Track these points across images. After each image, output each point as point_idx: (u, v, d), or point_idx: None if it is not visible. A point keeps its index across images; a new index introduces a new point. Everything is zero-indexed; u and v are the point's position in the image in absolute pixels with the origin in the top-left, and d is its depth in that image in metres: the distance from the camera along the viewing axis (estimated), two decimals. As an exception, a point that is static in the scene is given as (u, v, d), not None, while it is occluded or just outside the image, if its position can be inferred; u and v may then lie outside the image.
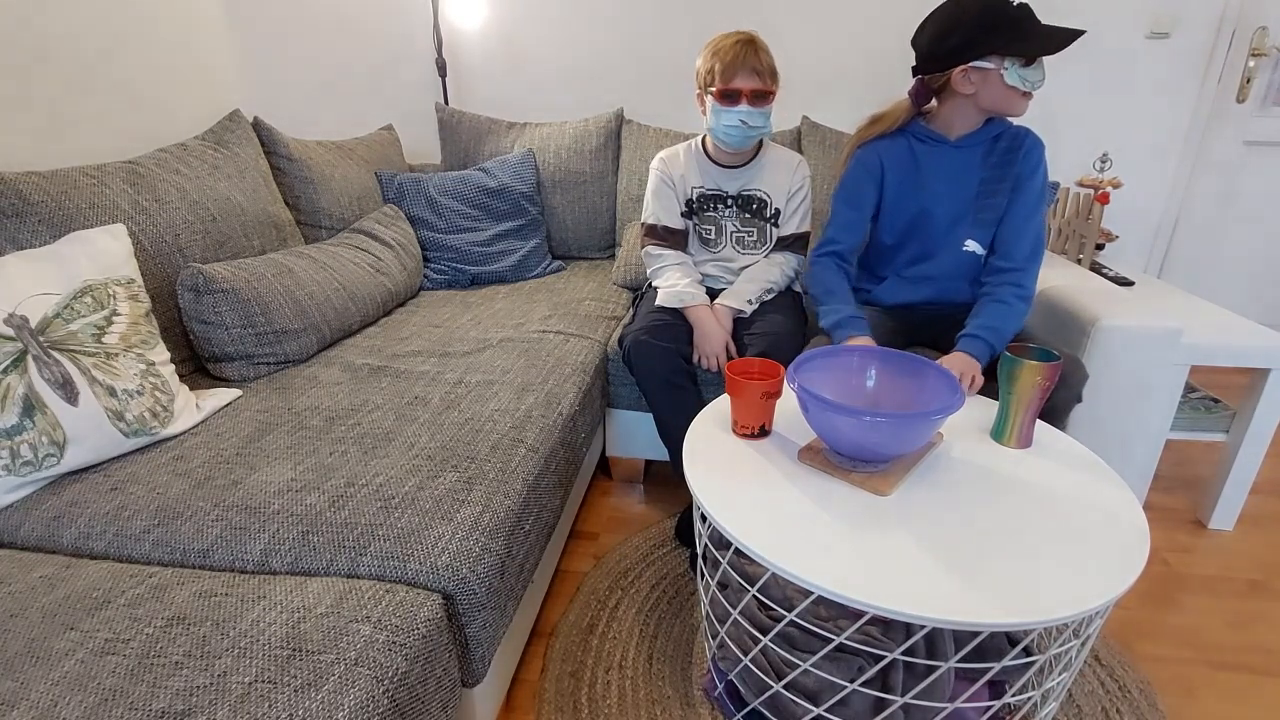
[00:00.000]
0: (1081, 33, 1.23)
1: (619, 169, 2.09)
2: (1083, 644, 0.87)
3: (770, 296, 1.58)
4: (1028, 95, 1.29)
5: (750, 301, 1.54)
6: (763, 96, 1.42)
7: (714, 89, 1.42)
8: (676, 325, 1.51)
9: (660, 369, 1.43)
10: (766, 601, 1.00)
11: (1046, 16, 2.02)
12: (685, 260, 1.61)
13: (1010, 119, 1.38)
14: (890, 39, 2.12)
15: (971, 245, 1.42)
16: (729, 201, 1.59)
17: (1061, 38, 1.23)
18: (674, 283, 1.55)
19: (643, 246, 1.65)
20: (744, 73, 1.39)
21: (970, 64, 1.27)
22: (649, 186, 1.62)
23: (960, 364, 1.25)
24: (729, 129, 1.44)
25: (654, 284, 1.62)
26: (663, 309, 1.54)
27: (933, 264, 1.44)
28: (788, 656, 0.96)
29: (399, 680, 0.74)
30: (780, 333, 1.46)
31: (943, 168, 1.38)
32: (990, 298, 1.34)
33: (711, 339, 1.48)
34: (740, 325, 1.54)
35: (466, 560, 0.89)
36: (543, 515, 1.13)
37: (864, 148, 1.44)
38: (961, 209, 1.40)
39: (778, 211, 1.60)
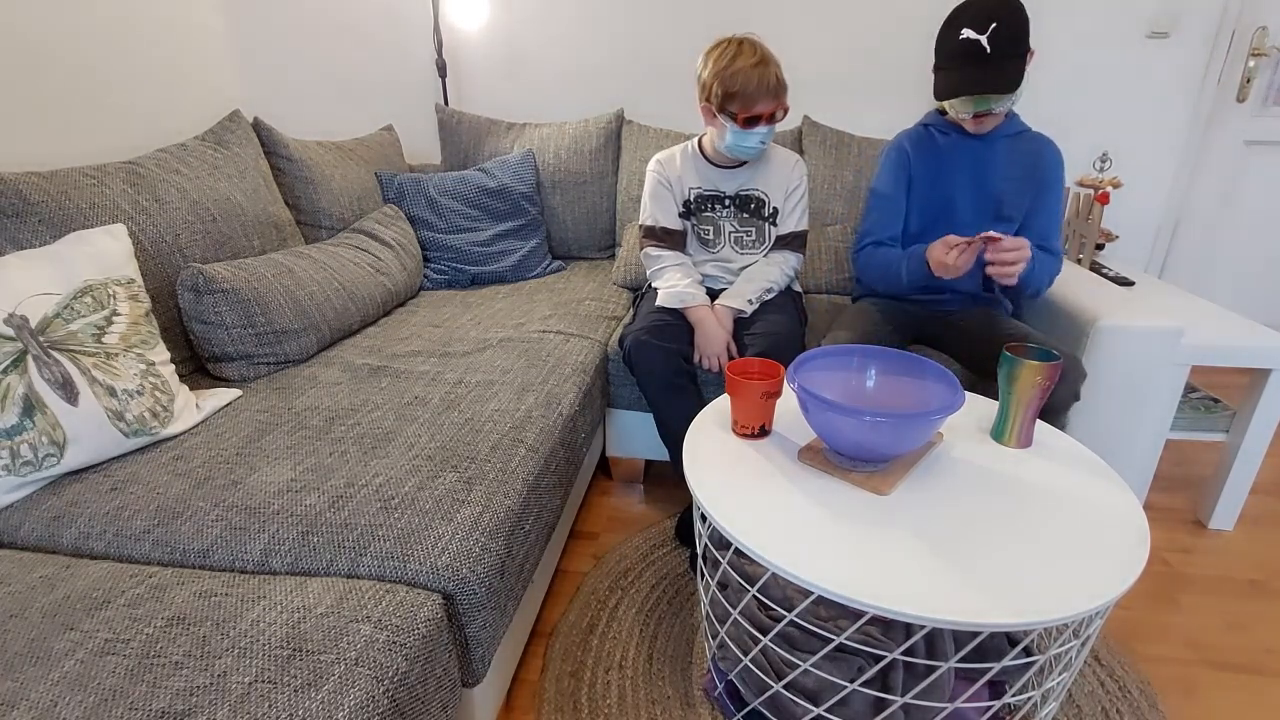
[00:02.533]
0: (987, 95, 1.28)
1: (619, 169, 2.09)
2: (1083, 644, 0.87)
3: (770, 296, 1.58)
4: (974, 120, 1.36)
5: (750, 301, 1.54)
6: (779, 114, 1.45)
7: (734, 112, 1.42)
8: (677, 325, 1.51)
9: (661, 369, 1.43)
10: (766, 601, 1.00)
11: (1048, 17, 2.04)
12: (685, 261, 1.61)
13: (1026, 122, 1.44)
14: (891, 39, 2.12)
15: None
16: (726, 202, 1.59)
17: (960, 87, 1.28)
18: (674, 283, 1.55)
19: (641, 248, 1.65)
20: (765, 98, 1.40)
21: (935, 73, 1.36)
22: (646, 188, 1.62)
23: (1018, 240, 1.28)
24: (748, 148, 1.47)
25: (654, 285, 1.62)
26: (663, 309, 1.54)
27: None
28: (788, 656, 0.96)
29: (399, 680, 0.74)
30: (780, 333, 1.46)
31: (965, 158, 1.43)
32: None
33: (712, 339, 1.48)
34: (740, 325, 1.54)
35: (466, 560, 0.89)
36: (543, 515, 1.13)
37: (897, 136, 1.50)
38: (985, 200, 1.43)
39: (776, 210, 1.60)
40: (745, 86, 1.38)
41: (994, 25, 1.22)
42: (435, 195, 1.97)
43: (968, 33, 1.24)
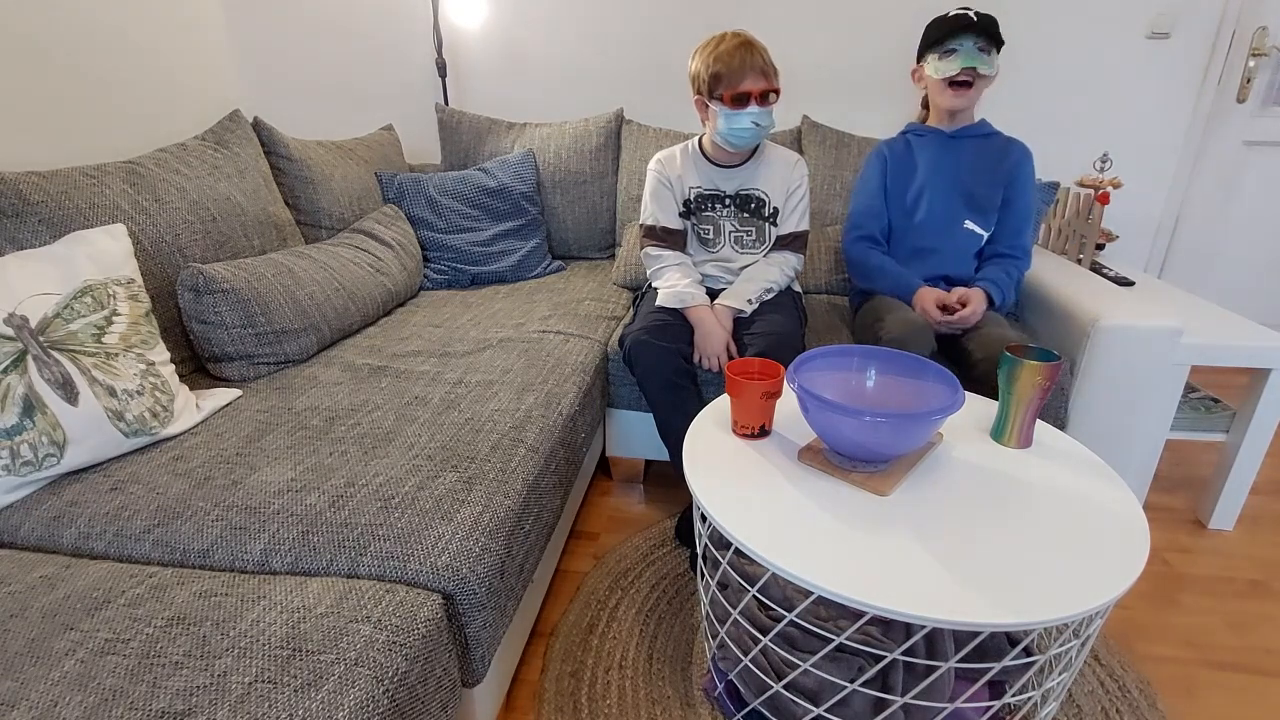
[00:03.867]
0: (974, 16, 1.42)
1: (619, 169, 2.09)
2: (1083, 644, 0.87)
3: (770, 296, 1.58)
4: (953, 87, 1.47)
5: (750, 301, 1.54)
6: (770, 95, 1.43)
7: (721, 94, 1.42)
8: (677, 325, 1.51)
9: (661, 369, 1.43)
10: (766, 601, 1.00)
11: (1048, 16, 2.04)
12: (685, 260, 1.61)
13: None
14: (890, 39, 2.12)
15: (971, 225, 1.56)
16: (727, 201, 1.59)
17: (950, 33, 1.43)
18: (674, 283, 1.55)
19: (641, 248, 1.65)
20: (751, 75, 1.40)
21: (915, 65, 1.54)
22: (647, 187, 1.62)
23: (974, 293, 1.46)
24: (741, 131, 1.45)
25: (654, 284, 1.62)
26: (663, 309, 1.54)
27: (939, 239, 1.57)
28: (788, 656, 0.96)
29: (399, 680, 0.74)
30: (780, 333, 1.46)
31: (935, 153, 1.57)
32: (995, 266, 1.55)
33: (712, 339, 1.48)
34: (740, 325, 1.54)
35: (466, 560, 0.89)
36: (543, 515, 1.13)
37: (874, 148, 1.66)
38: (955, 193, 1.56)
39: (776, 210, 1.59)
40: (729, 63, 1.40)
41: (975, 11, 1.43)
42: (435, 195, 1.97)
43: (956, 11, 1.45)
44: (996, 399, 1.12)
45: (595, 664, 1.21)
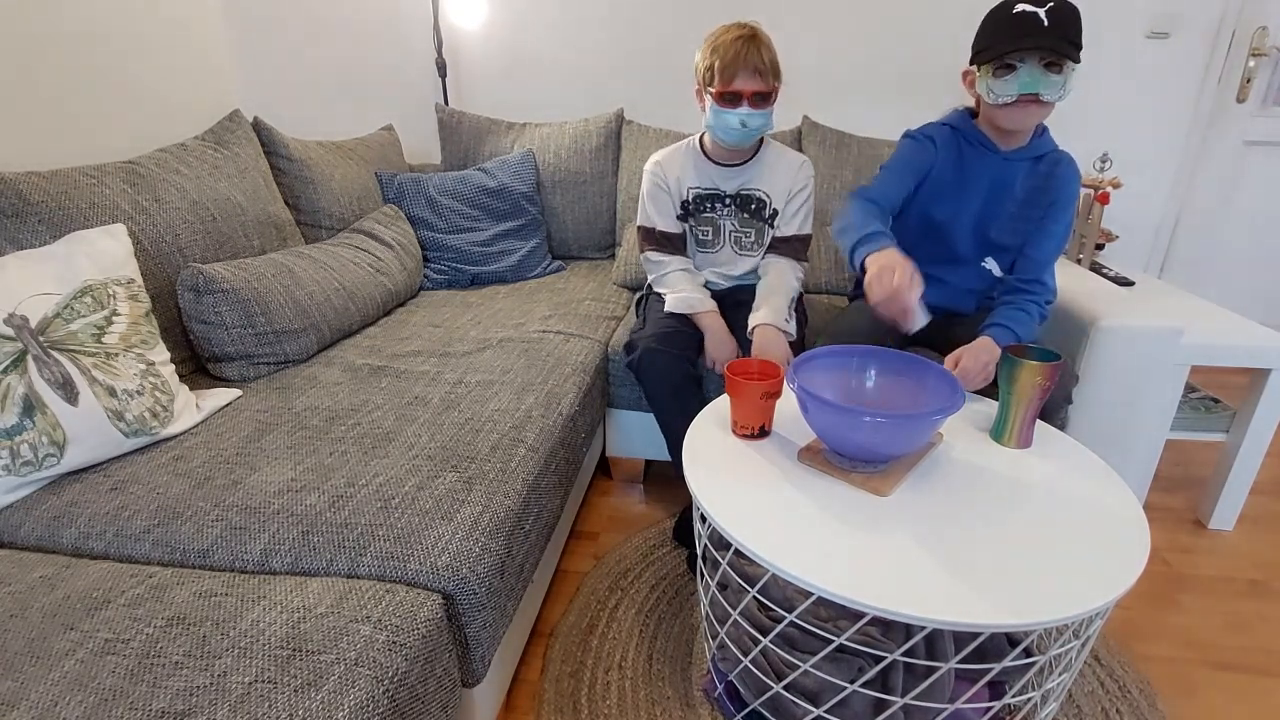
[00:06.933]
0: (1055, 47, 1.13)
1: (619, 169, 2.09)
2: (1083, 644, 0.87)
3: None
4: (1006, 108, 1.20)
5: (788, 319, 1.48)
6: (764, 97, 1.38)
7: (713, 89, 1.38)
8: (686, 332, 1.50)
9: (671, 377, 1.42)
10: (766, 602, 1.00)
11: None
12: (688, 265, 1.59)
13: (1051, 141, 1.32)
14: (891, 39, 2.12)
15: (990, 264, 1.39)
16: (727, 201, 1.57)
17: (1014, 45, 1.14)
18: (681, 289, 1.53)
19: (641, 250, 1.64)
20: (745, 73, 1.35)
21: (968, 66, 1.26)
22: (643, 190, 1.58)
23: (989, 350, 1.20)
24: (729, 130, 1.41)
25: (658, 290, 1.60)
26: (671, 315, 1.52)
27: (949, 270, 1.41)
28: (788, 657, 0.96)
29: (399, 680, 0.74)
30: (780, 333, 1.45)
31: (985, 177, 1.32)
32: (1012, 305, 1.29)
33: (726, 347, 1.48)
34: (741, 325, 1.53)
35: (466, 560, 0.89)
36: (543, 515, 1.13)
37: (924, 127, 1.36)
38: (991, 225, 1.35)
39: (776, 213, 1.57)
40: (724, 57, 1.33)
41: (1051, 4, 1.14)
42: (435, 195, 1.97)
43: (1024, 6, 1.16)
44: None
45: (595, 664, 1.21)
